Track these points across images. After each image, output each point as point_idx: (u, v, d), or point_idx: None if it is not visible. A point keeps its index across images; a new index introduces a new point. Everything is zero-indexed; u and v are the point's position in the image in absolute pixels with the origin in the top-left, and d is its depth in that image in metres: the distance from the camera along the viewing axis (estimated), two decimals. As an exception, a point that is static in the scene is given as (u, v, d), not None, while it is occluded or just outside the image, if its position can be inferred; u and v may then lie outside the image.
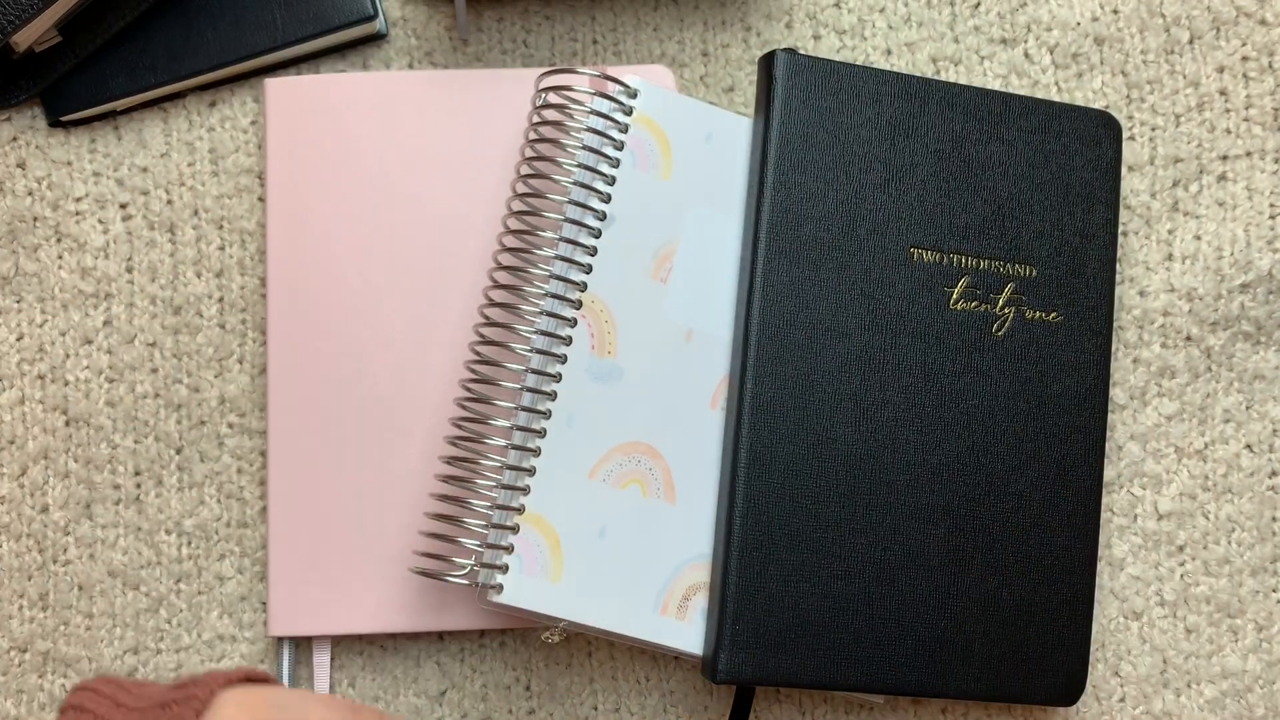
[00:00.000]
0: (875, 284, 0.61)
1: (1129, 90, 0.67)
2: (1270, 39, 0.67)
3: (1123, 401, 0.66)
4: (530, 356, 0.59)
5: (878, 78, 0.61)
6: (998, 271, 0.62)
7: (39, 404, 0.65)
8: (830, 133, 0.61)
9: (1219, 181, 0.67)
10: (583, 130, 0.60)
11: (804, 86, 0.61)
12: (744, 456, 0.59)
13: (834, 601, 0.59)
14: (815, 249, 0.60)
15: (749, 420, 0.59)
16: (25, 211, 0.65)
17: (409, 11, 0.66)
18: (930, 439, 0.61)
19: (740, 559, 0.58)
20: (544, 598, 0.58)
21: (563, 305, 0.59)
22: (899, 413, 0.60)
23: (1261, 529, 0.67)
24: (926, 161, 0.62)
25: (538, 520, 0.58)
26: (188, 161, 0.65)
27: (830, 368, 0.60)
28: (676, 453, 0.60)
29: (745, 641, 0.58)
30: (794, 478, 0.59)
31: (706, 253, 0.61)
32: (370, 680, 0.64)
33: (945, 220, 0.62)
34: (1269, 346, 0.67)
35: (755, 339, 0.59)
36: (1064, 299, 0.63)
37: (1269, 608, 0.66)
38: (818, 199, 0.60)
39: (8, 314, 0.65)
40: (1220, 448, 0.67)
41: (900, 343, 0.61)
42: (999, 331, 0.62)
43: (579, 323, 0.59)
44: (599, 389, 0.59)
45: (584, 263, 0.59)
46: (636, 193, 0.60)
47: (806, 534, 0.59)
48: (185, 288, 0.65)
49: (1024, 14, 0.67)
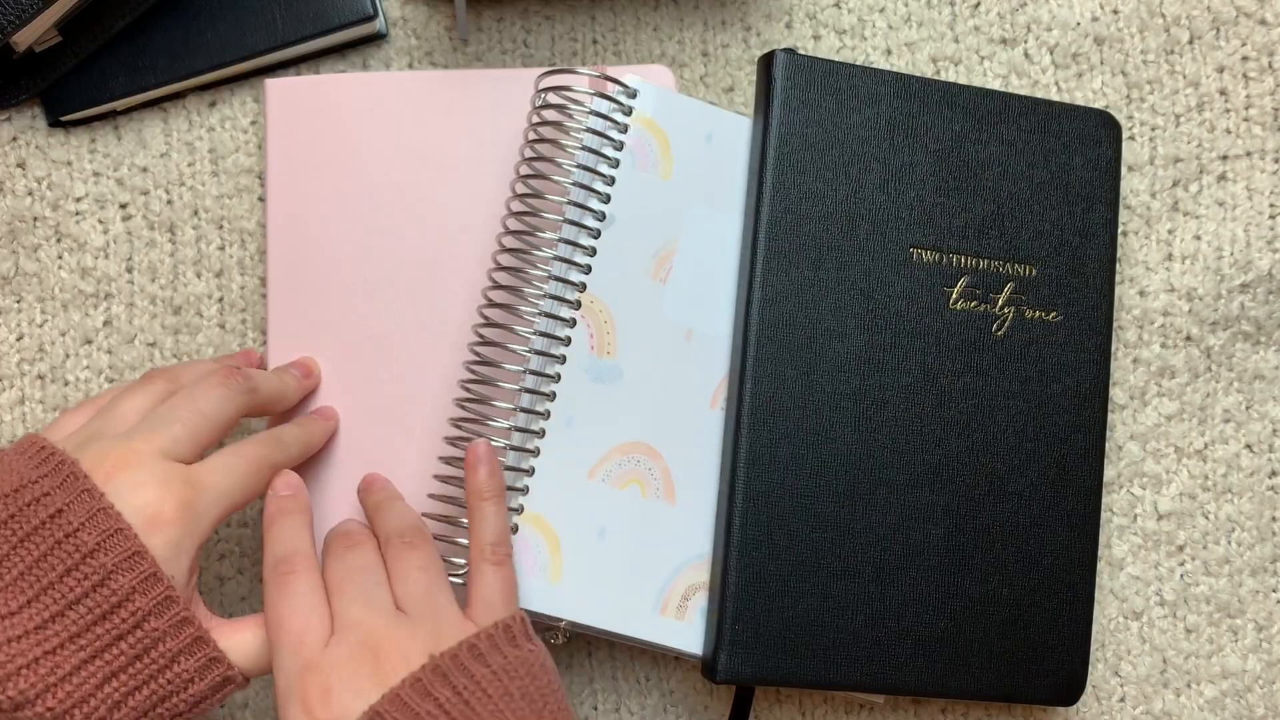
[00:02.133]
0: (875, 284, 0.61)
1: (1129, 90, 0.67)
2: (1270, 39, 0.67)
3: (1122, 401, 0.66)
4: (529, 357, 0.59)
5: (877, 78, 0.61)
6: (997, 271, 0.62)
7: (39, 404, 0.65)
8: (829, 133, 0.61)
9: (1219, 181, 0.67)
10: (582, 130, 0.60)
11: (803, 86, 0.61)
12: (744, 456, 0.59)
13: (833, 601, 0.59)
14: (815, 249, 0.60)
15: (748, 420, 0.59)
16: (25, 211, 0.65)
17: (409, 11, 0.66)
18: (930, 439, 0.61)
19: (740, 558, 0.58)
20: (544, 598, 0.58)
21: (562, 306, 0.59)
22: (899, 412, 0.60)
23: (1261, 529, 0.67)
24: (926, 161, 0.62)
25: (537, 520, 0.58)
26: (188, 161, 0.65)
27: (830, 368, 0.60)
28: (676, 453, 0.60)
29: (745, 641, 0.58)
30: (793, 477, 0.59)
31: (706, 253, 0.61)
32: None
33: (945, 220, 0.61)
34: (1269, 346, 0.67)
35: (755, 339, 0.59)
36: (1064, 298, 0.63)
37: (1269, 607, 0.66)
38: (817, 199, 0.60)
39: (8, 314, 0.65)
40: (1220, 448, 0.67)
41: (900, 342, 0.61)
42: (999, 331, 0.62)
43: (578, 323, 0.59)
44: (598, 389, 0.59)
45: (583, 263, 0.59)
46: (636, 193, 0.60)
47: (806, 533, 0.59)
48: (185, 288, 0.65)
49: (1024, 14, 0.67)
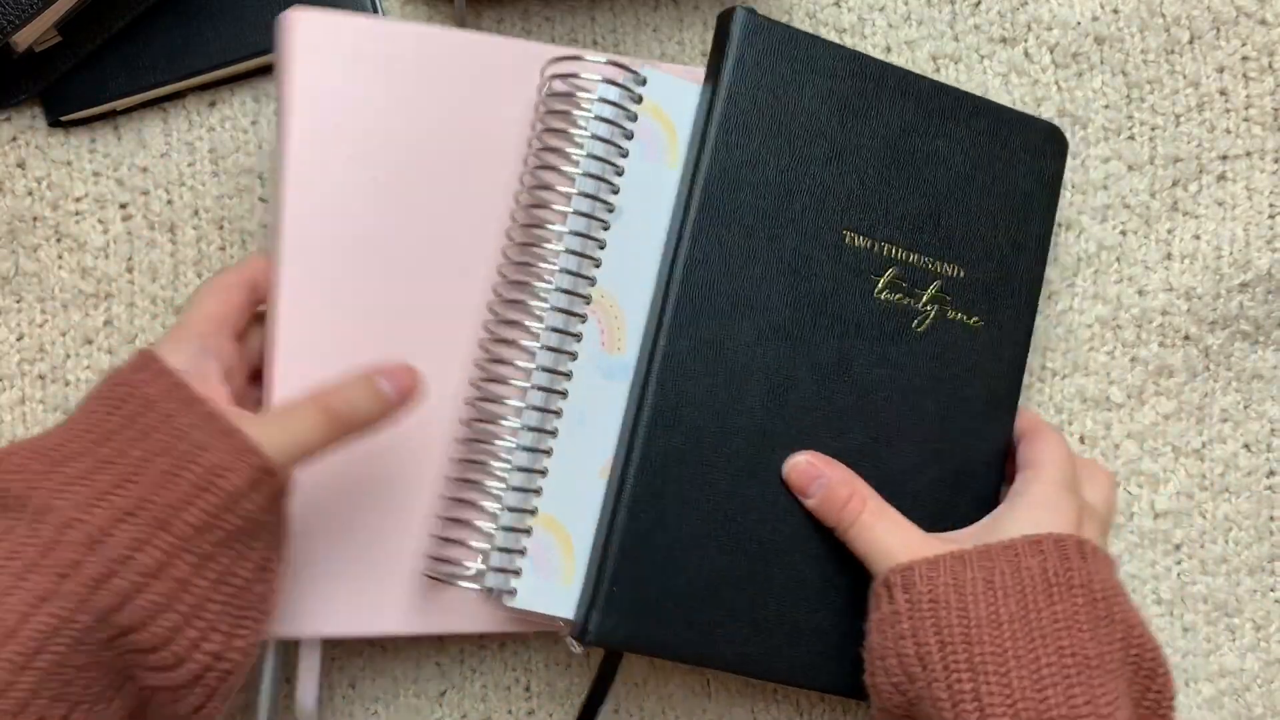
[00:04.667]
0: (803, 260, 0.59)
1: (1129, 90, 0.67)
2: (1270, 39, 0.67)
3: (1120, 400, 0.66)
4: (541, 354, 0.58)
5: (836, 53, 0.60)
6: (926, 267, 0.60)
7: (39, 404, 0.65)
8: (780, 100, 0.58)
9: (1218, 181, 0.67)
10: (591, 119, 0.58)
11: (760, 48, 0.58)
12: (646, 415, 0.57)
13: (717, 576, 0.57)
14: (749, 216, 0.58)
15: (656, 378, 0.57)
16: (25, 211, 0.65)
17: (409, 11, 0.66)
18: (836, 426, 0.59)
19: (628, 519, 0.56)
20: (558, 600, 0.57)
21: (573, 301, 0.58)
22: (808, 394, 0.59)
23: (1259, 528, 0.67)
24: (872, 145, 0.60)
25: (549, 521, 0.57)
26: (188, 161, 0.65)
27: (747, 338, 0.58)
28: None
29: (621, 604, 0.56)
30: (694, 444, 0.57)
31: None
32: (370, 681, 0.64)
33: (882, 207, 0.60)
34: (1267, 346, 0.67)
35: (675, 297, 0.57)
36: (987, 305, 0.61)
37: (1266, 607, 0.67)
38: (758, 165, 0.58)
39: (8, 314, 0.65)
40: (1218, 447, 0.67)
41: (820, 324, 0.59)
42: (919, 328, 0.60)
43: (589, 319, 0.58)
44: (609, 386, 0.59)
45: (594, 257, 0.58)
46: (645, 184, 0.59)
47: (699, 503, 0.57)
48: (186, 288, 0.65)
49: (1024, 13, 0.67)
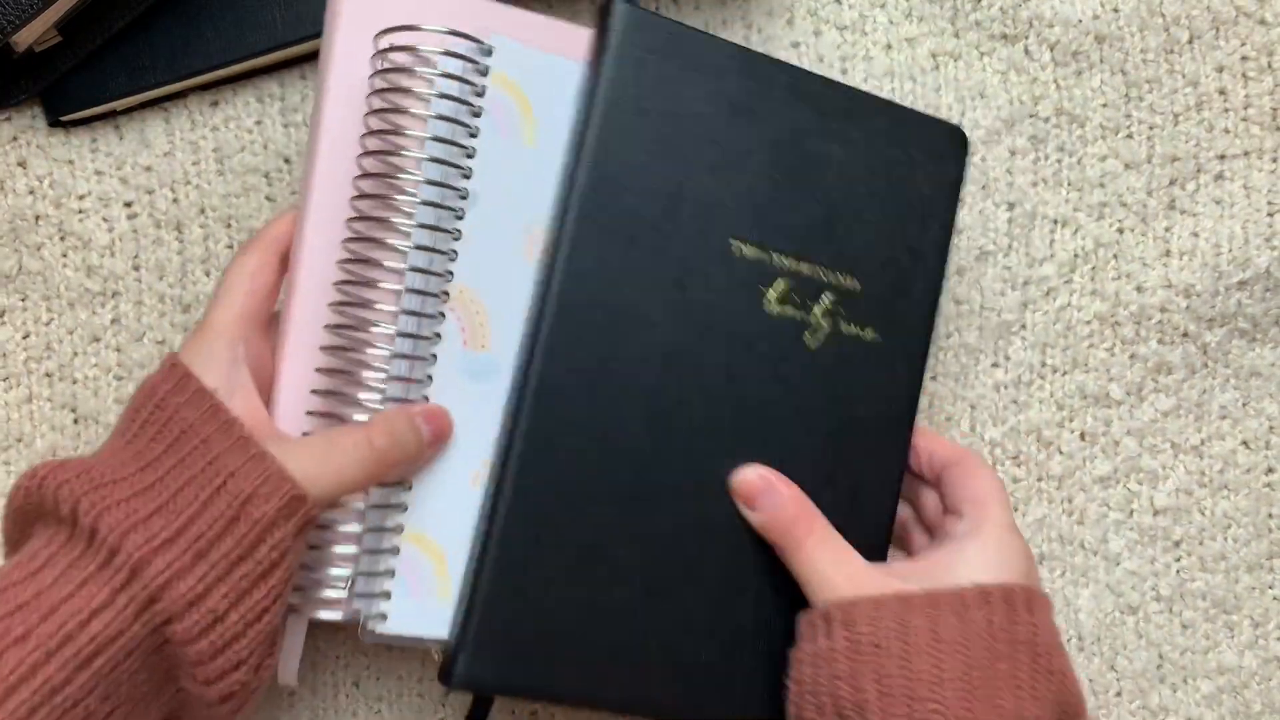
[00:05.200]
0: (689, 272, 0.55)
1: (1128, 89, 0.67)
2: (1270, 39, 0.67)
3: (1119, 397, 0.67)
4: (394, 362, 0.53)
5: (724, 50, 0.56)
6: (819, 278, 0.57)
7: (47, 402, 0.65)
8: (664, 101, 0.55)
9: (1216, 180, 0.67)
10: (433, 96, 0.53)
11: (641, 45, 0.54)
12: (520, 441, 0.53)
13: (597, 611, 0.53)
14: (630, 225, 0.54)
15: (532, 401, 0.53)
16: (27, 210, 0.64)
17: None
18: (724, 448, 0.55)
19: (500, 553, 0.52)
20: (432, 620, 0.53)
21: (425, 302, 0.53)
22: (696, 416, 0.55)
23: (1258, 525, 0.67)
24: (762, 149, 0.56)
25: (419, 539, 0.53)
26: (192, 160, 0.65)
27: (630, 357, 0.54)
28: None
29: (491, 644, 0.52)
30: (572, 471, 0.53)
31: None
32: (373, 680, 0.64)
33: (772, 215, 0.56)
34: (1265, 343, 0.67)
35: (551, 314, 0.53)
36: (883, 317, 0.57)
37: (1265, 604, 0.67)
38: (640, 171, 0.54)
39: (13, 312, 0.65)
40: (1217, 444, 0.67)
41: (707, 339, 0.55)
42: (811, 343, 0.56)
43: (447, 316, 0.54)
44: (476, 386, 0.54)
45: (447, 249, 0.53)
46: (498, 164, 0.54)
47: (577, 534, 0.53)
48: (194, 286, 0.65)
49: (1026, 10, 0.67)
